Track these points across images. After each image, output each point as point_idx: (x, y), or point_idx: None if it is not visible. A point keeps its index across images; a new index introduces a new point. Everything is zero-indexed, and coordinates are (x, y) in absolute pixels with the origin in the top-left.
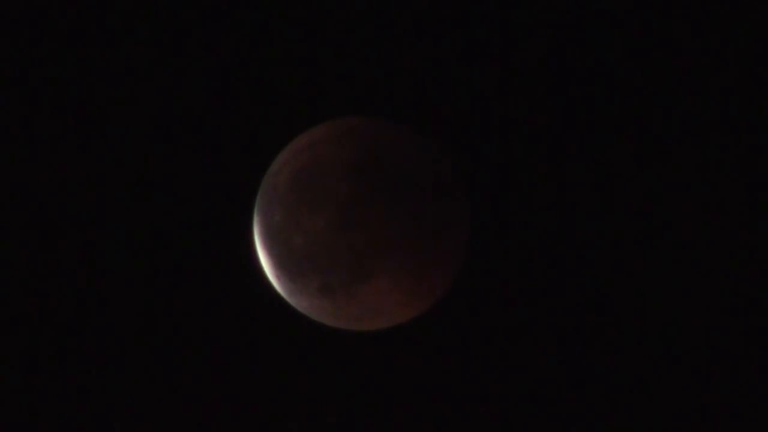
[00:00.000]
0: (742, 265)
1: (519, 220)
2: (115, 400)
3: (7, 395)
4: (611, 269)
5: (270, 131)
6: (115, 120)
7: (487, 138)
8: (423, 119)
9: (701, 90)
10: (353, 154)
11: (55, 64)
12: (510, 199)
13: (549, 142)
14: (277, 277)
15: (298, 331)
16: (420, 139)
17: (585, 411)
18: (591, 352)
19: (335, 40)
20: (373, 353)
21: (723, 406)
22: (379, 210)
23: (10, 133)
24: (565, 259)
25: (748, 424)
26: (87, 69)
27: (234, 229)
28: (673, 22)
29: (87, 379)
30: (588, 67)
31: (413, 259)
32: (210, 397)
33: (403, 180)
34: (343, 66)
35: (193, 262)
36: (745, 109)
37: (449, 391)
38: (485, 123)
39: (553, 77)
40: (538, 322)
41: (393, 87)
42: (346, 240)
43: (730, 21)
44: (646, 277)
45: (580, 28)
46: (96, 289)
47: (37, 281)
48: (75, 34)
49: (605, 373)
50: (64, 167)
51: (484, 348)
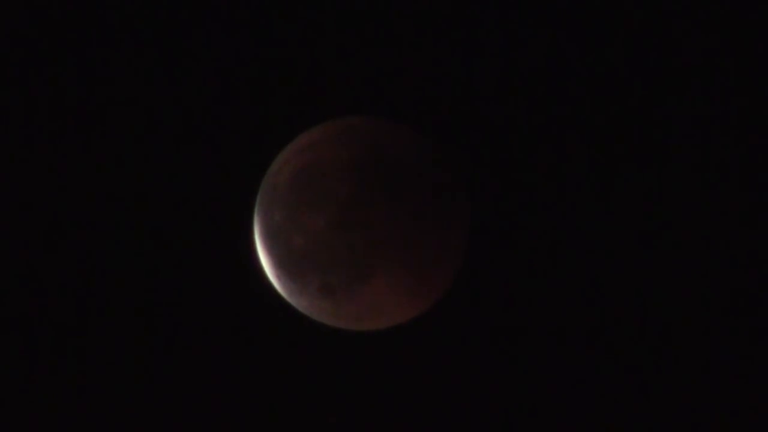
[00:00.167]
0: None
1: (519, 219)
2: (114, 400)
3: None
4: (612, 269)
5: (270, 131)
6: (115, 120)
7: (487, 138)
8: (423, 119)
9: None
10: (353, 154)
11: (54, 64)
12: (510, 199)
13: (549, 142)
14: (277, 277)
15: (298, 331)
16: (420, 139)
17: (585, 411)
18: (591, 352)
19: (335, 40)
20: (373, 353)
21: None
22: (379, 210)
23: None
24: (565, 259)
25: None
26: (87, 69)
27: (234, 229)
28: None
29: (87, 379)
30: (588, 67)
31: (413, 259)
32: (210, 397)
33: (403, 180)
34: (343, 66)
35: (193, 261)
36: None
37: (449, 391)
38: (485, 123)
39: (553, 77)
40: (539, 321)
41: (393, 87)
42: (346, 240)
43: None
44: (646, 277)
45: (581, 28)
46: (96, 289)
47: (37, 281)
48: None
49: (605, 373)
50: (63, 167)
51: (484, 348)
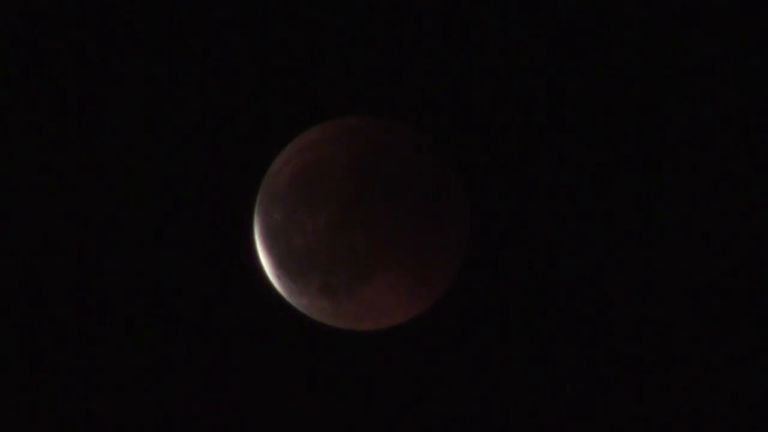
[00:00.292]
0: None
1: (519, 219)
2: (114, 400)
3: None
4: (612, 269)
5: (270, 131)
6: (115, 120)
7: (488, 138)
8: (423, 119)
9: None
10: (353, 154)
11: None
12: (510, 198)
13: (549, 142)
14: (278, 277)
15: (298, 331)
16: (420, 138)
17: (585, 411)
18: (592, 352)
19: (335, 39)
20: (373, 353)
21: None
22: (379, 210)
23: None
24: (565, 259)
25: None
26: (87, 69)
27: (234, 229)
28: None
29: (86, 379)
30: (589, 67)
31: (413, 259)
32: (210, 396)
33: (403, 180)
34: (343, 66)
35: (194, 262)
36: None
37: (449, 391)
38: (486, 123)
39: (553, 77)
40: (539, 321)
41: (393, 87)
42: (346, 240)
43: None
44: (647, 277)
45: (581, 28)
46: (96, 289)
47: (37, 281)
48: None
49: (606, 373)
50: (63, 167)
51: (484, 348)
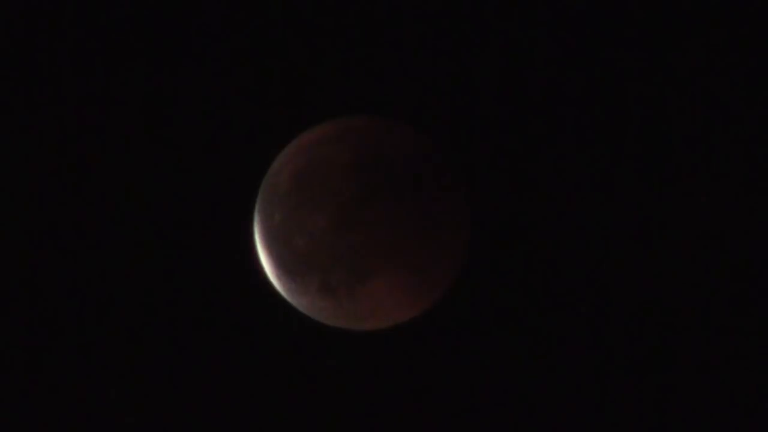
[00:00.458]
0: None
1: (519, 220)
2: (114, 400)
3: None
4: (612, 269)
5: (270, 131)
6: (114, 120)
7: (487, 138)
8: (423, 119)
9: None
10: (353, 154)
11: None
12: (510, 198)
13: (550, 142)
14: (278, 277)
15: (298, 330)
16: (421, 138)
17: (585, 411)
18: (592, 352)
19: (335, 39)
20: (373, 353)
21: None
22: (379, 210)
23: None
24: (565, 259)
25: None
26: (87, 69)
27: (234, 229)
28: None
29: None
30: (589, 67)
31: (413, 259)
32: (210, 396)
33: (404, 180)
34: (343, 66)
35: (194, 261)
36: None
37: (449, 391)
38: (485, 123)
39: (554, 77)
40: (539, 322)
41: (393, 87)
42: (346, 240)
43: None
44: (647, 277)
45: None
46: (96, 289)
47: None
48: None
49: (606, 374)
50: (63, 167)
51: (484, 348)
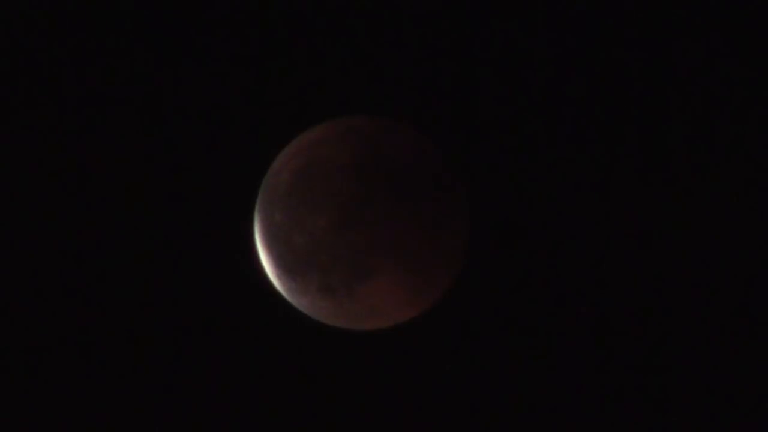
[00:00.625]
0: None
1: (519, 219)
2: (114, 400)
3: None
4: (613, 269)
5: (270, 131)
6: (115, 120)
7: (487, 138)
8: (423, 119)
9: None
10: (353, 154)
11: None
12: (510, 198)
13: (549, 142)
14: (278, 277)
15: (298, 330)
16: (420, 138)
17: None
18: (592, 352)
19: (335, 39)
20: (373, 353)
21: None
22: (379, 209)
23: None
24: (565, 259)
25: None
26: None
27: (235, 229)
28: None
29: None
30: (589, 67)
31: (413, 259)
32: (210, 396)
33: (404, 179)
34: (343, 66)
35: (194, 261)
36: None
37: (449, 391)
38: (485, 123)
39: (553, 77)
40: (539, 322)
41: (393, 86)
42: (346, 239)
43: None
44: (647, 277)
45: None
46: (96, 288)
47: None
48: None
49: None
50: (63, 168)
51: (484, 348)
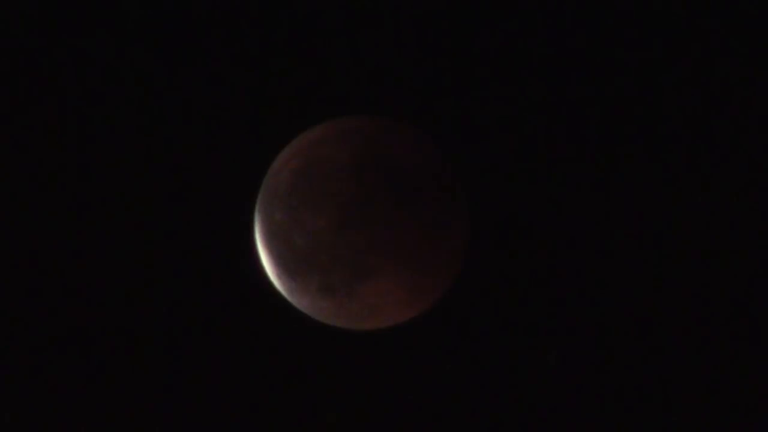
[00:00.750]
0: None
1: (519, 220)
2: (113, 400)
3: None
4: (613, 269)
5: (270, 131)
6: (114, 119)
7: (487, 138)
8: (423, 119)
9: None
10: (353, 154)
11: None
12: (510, 199)
13: (550, 142)
14: (278, 276)
15: (298, 330)
16: (420, 138)
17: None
18: (592, 352)
19: (335, 39)
20: (373, 353)
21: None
22: (379, 210)
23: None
24: (565, 259)
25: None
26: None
27: (234, 229)
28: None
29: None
30: (589, 67)
31: (413, 259)
32: (210, 396)
33: (404, 180)
34: (343, 66)
35: (194, 261)
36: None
37: (449, 391)
38: (485, 123)
39: (554, 77)
40: (539, 322)
41: (393, 86)
42: (346, 239)
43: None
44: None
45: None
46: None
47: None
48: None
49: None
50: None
51: (484, 348)
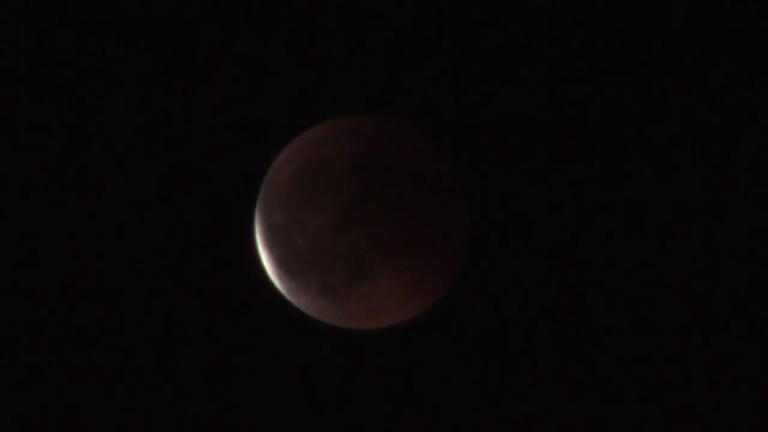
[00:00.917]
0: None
1: (519, 219)
2: (114, 400)
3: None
4: (613, 269)
5: (270, 131)
6: (115, 119)
7: (488, 138)
8: (424, 118)
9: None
10: (354, 154)
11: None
12: (510, 198)
13: (549, 142)
14: (278, 276)
15: (299, 330)
16: (421, 138)
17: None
18: (592, 352)
19: (336, 39)
20: (373, 353)
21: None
22: (379, 209)
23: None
24: (565, 259)
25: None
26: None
27: (235, 228)
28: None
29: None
30: (589, 67)
31: (413, 259)
32: (210, 396)
33: (404, 179)
34: (343, 66)
35: (195, 261)
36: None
37: (449, 391)
38: (485, 123)
39: (554, 77)
40: (539, 322)
41: (393, 86)
42: (346, 239)
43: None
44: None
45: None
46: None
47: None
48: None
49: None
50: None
51: (484, 348)
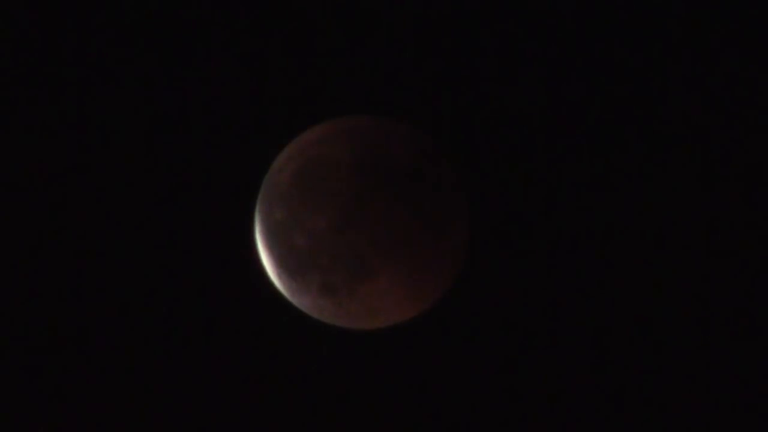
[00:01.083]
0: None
1: (519, 219)
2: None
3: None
4: (613, 268)
5: (270, 131)
6: (115, 119)
7: (487, 138)
8: (423, 118)
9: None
10: (354, 154)
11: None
12: (510, 198)
13: (550, 142)
14: (278, 276)
15: (299, 330)
16: (420, 138)
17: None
18: (592, 352)
19: (335, 39)
20: (373, 353)
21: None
22: (379, 209)
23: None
24: (565, 259)
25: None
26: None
27: (235, 228)
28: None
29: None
30: (589, 67)
31: (414, 259)
32: (210, 396)
33: (404, 179)
34: (343, 66)
35: (194, 260)
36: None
37: (449, 391)
38: (485, 122)
39: (553, 77)
40: (539, 322)
41: (393, 86)
42: (346, 239)
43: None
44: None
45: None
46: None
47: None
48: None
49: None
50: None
51: (484, 348)
